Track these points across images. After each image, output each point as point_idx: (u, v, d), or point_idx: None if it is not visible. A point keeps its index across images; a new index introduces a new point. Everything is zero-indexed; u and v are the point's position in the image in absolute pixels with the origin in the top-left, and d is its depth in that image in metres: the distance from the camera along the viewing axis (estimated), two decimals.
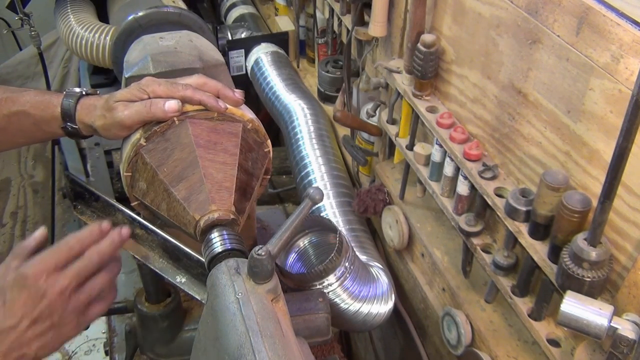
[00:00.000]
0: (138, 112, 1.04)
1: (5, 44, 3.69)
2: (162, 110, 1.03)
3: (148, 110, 1.04)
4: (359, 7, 1.57)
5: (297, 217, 0.95)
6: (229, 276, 0.89)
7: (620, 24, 0.81)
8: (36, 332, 0.89)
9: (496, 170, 1.12)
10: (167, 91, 1.06)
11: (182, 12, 1.59)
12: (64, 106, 1.10)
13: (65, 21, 2.27)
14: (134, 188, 1.08)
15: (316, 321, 1.08)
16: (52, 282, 0.89)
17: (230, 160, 1.04)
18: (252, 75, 2.28)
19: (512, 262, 1.11)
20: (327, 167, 1.73)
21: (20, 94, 1.13)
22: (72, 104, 1.10)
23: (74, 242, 0.94)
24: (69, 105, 1.10)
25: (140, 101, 1.06)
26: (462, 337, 1.23)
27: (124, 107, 1.05)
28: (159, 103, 1.04)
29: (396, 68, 1.38)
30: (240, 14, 2.61)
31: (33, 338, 0.89)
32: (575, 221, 0.91)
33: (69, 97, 1.11)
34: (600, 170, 0.90)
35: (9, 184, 3.45)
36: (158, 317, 1.38)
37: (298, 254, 1.28)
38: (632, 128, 0.72)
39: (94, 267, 0.94)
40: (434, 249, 1.37)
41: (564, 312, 0.83)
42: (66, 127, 1.11)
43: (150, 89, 1.07)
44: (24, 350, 0.89)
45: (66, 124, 1.11)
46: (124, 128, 1.06)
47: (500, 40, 1.05)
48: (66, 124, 1.11)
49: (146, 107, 1.04)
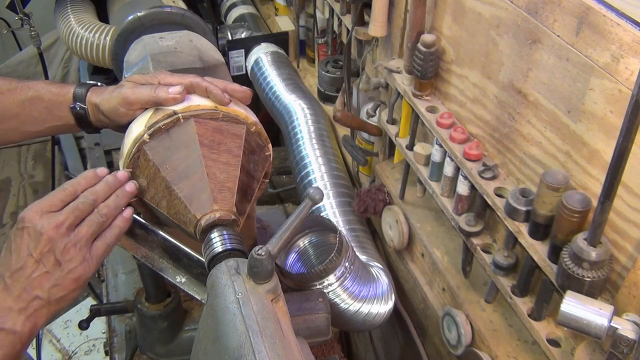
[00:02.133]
0: (144, 92, 1.08)
1: (5, 44, 3.68)
2: (166, 92, 1.06)
3: (153, 92, 1.07)
4: (359, 7, 1.57)
5: (297, 217, 0.95)
6: (229, 276, 0.89)
7: (620, 24, 0.81)
8: (43, 271, 0.92)
9: (496, 170, 1.12)
10: (177, 79, 1.11)
11: (185, 13, 1.58)
12: (77, 89, 1.16)
13: (65, 21, 2.27)
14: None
15: (316, 321, 1.08)
16: (48, 219, 0.92)
17: (233, 161, 1.04)
18: (252, 75, 2.28)
19: (512, 262, 1.11)
20: (327, 167, 1.73)
21: (34, 82, 1.18)
22: (85, 88, 1.16)
23: (67, 185, 0.97)
24: (81, 88, 1.16)
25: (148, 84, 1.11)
26: (462, 337, 1.23)
27: (131, 85, 1.11)
28: (164, 88, 1.08)
29: (396, 68, 1.38)
30: (240, 14, 2.61)
31: (42, 277, 0.92)
32: (575, 221, 0.91)
33: (82, 85, 1.17)
34: (600, 170, 0.90)
35: (9, 184, 3.45)
36: (158, 317, 1.38)
37: (298, 254, 1.28)
38: (632, 128, 0.72)
39: (90, 206, 0.97)
40: (434, 249, 1.37)
41: (564, 312, 0.83)
42: (75, 107, 1.15)
43: (161, 76, 1.12)
44: (37, 291, 0.91)
45: (75, 103, 1.15)
46: (126, 104, 1.09)
47: (500, 40, 1.05)
48: (75, 104, 1.15)
49: (152, 90, 1.08)
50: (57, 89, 1.17)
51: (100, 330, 2.46)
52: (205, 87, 1.09)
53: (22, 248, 0.91)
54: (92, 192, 0.98)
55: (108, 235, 0.98)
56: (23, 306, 0.91)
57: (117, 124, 1.14)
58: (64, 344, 2.50)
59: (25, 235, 0.91)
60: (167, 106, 1.07)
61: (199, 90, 1.10)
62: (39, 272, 0.91)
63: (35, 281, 0.91)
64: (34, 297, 0.91)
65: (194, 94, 1.10)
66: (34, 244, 0.91)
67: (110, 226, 0.99)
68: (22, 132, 1.19)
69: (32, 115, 1.16)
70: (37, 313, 0.92)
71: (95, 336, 2.50)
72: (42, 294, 0.92)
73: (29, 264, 0.91)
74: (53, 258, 0.92)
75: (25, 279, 0.91)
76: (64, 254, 0.92)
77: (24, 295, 0.91)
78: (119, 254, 1.81)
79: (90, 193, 0.97)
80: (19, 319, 0.90)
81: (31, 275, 0.91)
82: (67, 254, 0.92)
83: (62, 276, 0.93)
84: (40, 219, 0.92)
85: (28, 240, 0.91)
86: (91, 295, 2.56)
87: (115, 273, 1.79)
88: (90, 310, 1.50)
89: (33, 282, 0.91)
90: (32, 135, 1.20)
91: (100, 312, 1.51)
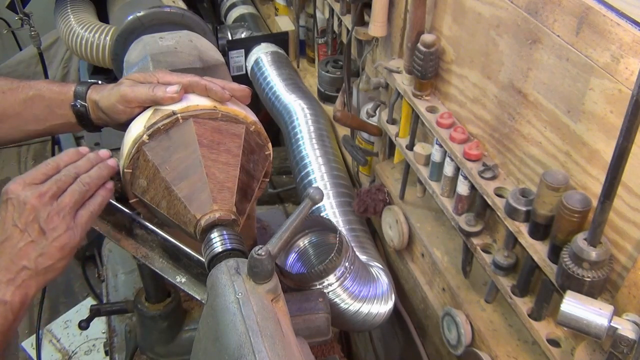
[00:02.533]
0: (142, 91, 1.09)
1: (5, 44, 3.68)
2: (164, 91, 1.07)
3: (151, 91, 1.08)
4: (359, 7, 1.57)
5: (297, 217, 0.95)
6: (229, 276, 0.89)
7: (620, 24, 0.81)
8: (28, 240, 0.93)
9: (496, 170, 1.12)
10: (175, 78, 1.12)
11: (185, 13, 1.58)
12: (78, 87, 1.17)
13: (65, 21, 2.27)
14: (133, 185, 1.08)
15: (316, 321, 1.08)
16: (31, 189, 0.94)
17: (233, 161, 1.04)
18: (252, 75, 2.28)
19: (512, 262, 1.11)
20: (327, 167, 1.73)
21: (35, 82, 1.20)
22: (86, 86, 1.18)
23: (50, 161, 1.00)
24: (82, 86, 1.17)
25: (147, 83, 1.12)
26: (462, 337, 1.23)
27: (130, 83, 1.12)
28: (162, 87, 1.09)
29: (396, 68, 1.38)
30: (240, 14, 2.61)
31: (27, 247, 0.93)
32: (575, 221, 0.91)
33: (83, 84, 1.18)
34: (600, 170, 0.90)
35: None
36: (158, 317, 1.38)
37: (298, 254, 1.28)
38: (632, 128, 0.72)
39: (72, 178, 0.99)
40: (434, 249, 1.37)
41: (564, 312, 0.83)
42: (75, 104, 1.16)
43: (160, 75, 1.13)
44: (23, 262, 0.93)
45: (76, 101, 1.16)
46: (124, 102, 1.10)
47: (500, 40, 1.05)
48: (76, 101, 1.16)
49: (150, 88, 1.09)
50: (58, 88, 1.18)
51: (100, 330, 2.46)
52: (204, 85, 1.09)
53: (7, 220, 0.93)
54: (74, 166, 1.01)
55: (91, 203, 1.00)
56: (11, 277, 0.92)
57: (116, 121, 1.14)
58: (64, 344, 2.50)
59: (10, 207, 0.93)
60: (165, 105, 1.07)
61: (198, 88, 1.10)
62: (24, 242, 0.93)
63: (21, 251, 0.93)
64: (21, 267, 0.93)
65: (193, 94, 1.10)
66: (17, 214, 0.93)
67: (93, 195, 1.01)
68: (24, 131, 1.20)
69: (33, 113, 1.17)
70: (26, 283, 0.93)
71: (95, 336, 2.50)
72: (29, 264, 0.93)
73: (14, 235, 0.93)
74: (37, 227, 0.93)
75: (11, 249, 0.93)
76: (48, 222, 0.94)
77: (11, 266, 0.92)
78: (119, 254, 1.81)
79: (73, 167, 1.00)
80: (8, 289, 0.92)
81: (17, 245, 0.93)
82: (51, 222, 0.94)
83: (48, 244, 0.94)
84: (23, 189, 0.94)
85: (12, 211, 0.93)
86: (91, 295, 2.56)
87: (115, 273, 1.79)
88: (90, 310, 1.50)
89: (19, 252, 0.93)
90: (33, 134, 1.21)
91: (100, 312, 1.51)
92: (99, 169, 1.02)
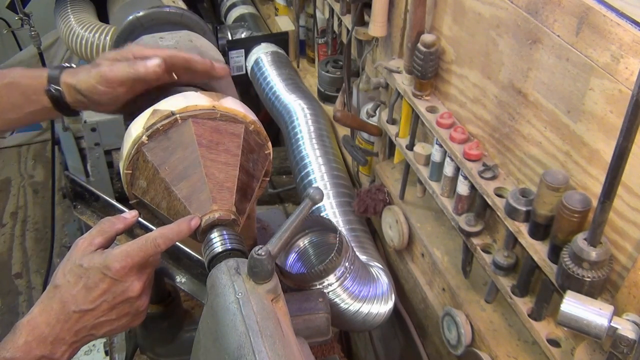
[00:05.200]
0: (121, 68, 1.07)
1: (5, 44, 3.69)
2: (145, 66, 1.06)
3: (130, 68, 1.07)
4: (359, 7, 1.57)
5: (297, 217, 0.95)
6: (229, 276, 0.89)
7: (620, 24, 0.81)
8: (110, 318, 0.94)
9: (496, 170, 1.12)
10: (151, 52, 1.10)
11: (184, 13, 1.58)
12: (50, 72, 1.14)
13: (65, 21, 2.27)
14: (133, 186, 1.08)
15: (316, 321, 1.08)
16: (135, 279, 0.93)
17: (232, 161, 1.04)
18: (252, 75, 2.28)
19: (512, 262, 1.11)
20: (327, 167, 1.73)
21: (10, 70, 1.17)
22: (58, 70, 1.14)
23: (161, 242, 0.95)
24: (54, 71, 1.14)
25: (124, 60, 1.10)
26: (462, 337, 1.23)
27: (108, 63, 1.09)
28: (141, 62, 1.07)
29: (396, 68, 1.38)
30: (240, 14, 2.61)
31: (105, 323, 0.94)
32: (575, 221, 0.91)
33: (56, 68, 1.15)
34: (600, 170, 0.90)
35: (9, 184, 3.45)
36: (158, 317, 1.38)
37: (298, 254, 1.28)
38: (632, 128, 0.72)
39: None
40: (434, 249, 1.37)
41: (564, 312, 0.83)
42: (50, 89, 1.13)
43: (135, 49, 1.11)
44: (94, 331, 0.93)
45: (50, 85, 1.13)
46: (105, 82, 1.08)
47: (500, 40, 1.05)
48: (50, 86, 1.13)
49: (129, 64, 1.07)
50: (32, 74, 1.16)
51: None
52: (183, 57, 1.08)
53: (97, 293, 0.91)
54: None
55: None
56: (75, 340, 0.92)
57: (97, 102, 1.12)
58: None
59: (107, 285, 0.91)
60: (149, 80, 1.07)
61: (178, 61, 1.09)
62: (106, 318, 0.93)
63: (98, 324, 0.93)
64: (89, 334, 0.93)
65: (191, 92, 1.10)
66: (113, 296, 0.92)
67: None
68: (4, 120, 1.18)
69: (10, 102, 1.15)
70: (81, 345, 0.94)
71: None
72: (97, 333, 0.94)
73: (101, 308, 0.92)
74: (127, 310, 0.94)
75: (91, 319, 0.92)
76: (137, 314, 0.96)
77: (82, 331, 0.92)
78: None
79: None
80: (67, 350, 0.92)
81: (99, 318, 0.92)
82: (141, 315, 0.97)
83: (122, 326, 0.96)
84: (127, 276, 0.92)
85: (107, 290, 0.91)
86: None
87: None
88: None
89: (96, 324, 0.93)
90: (15, 123, 1.19)
91: None
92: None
